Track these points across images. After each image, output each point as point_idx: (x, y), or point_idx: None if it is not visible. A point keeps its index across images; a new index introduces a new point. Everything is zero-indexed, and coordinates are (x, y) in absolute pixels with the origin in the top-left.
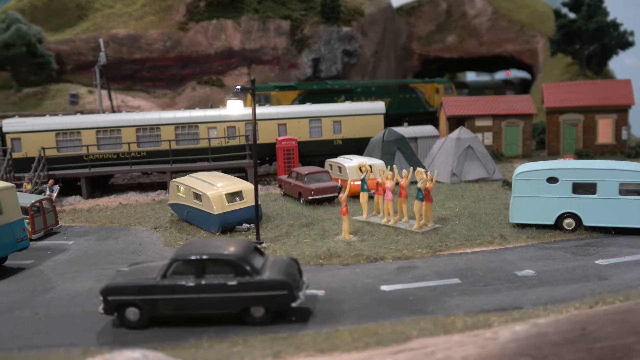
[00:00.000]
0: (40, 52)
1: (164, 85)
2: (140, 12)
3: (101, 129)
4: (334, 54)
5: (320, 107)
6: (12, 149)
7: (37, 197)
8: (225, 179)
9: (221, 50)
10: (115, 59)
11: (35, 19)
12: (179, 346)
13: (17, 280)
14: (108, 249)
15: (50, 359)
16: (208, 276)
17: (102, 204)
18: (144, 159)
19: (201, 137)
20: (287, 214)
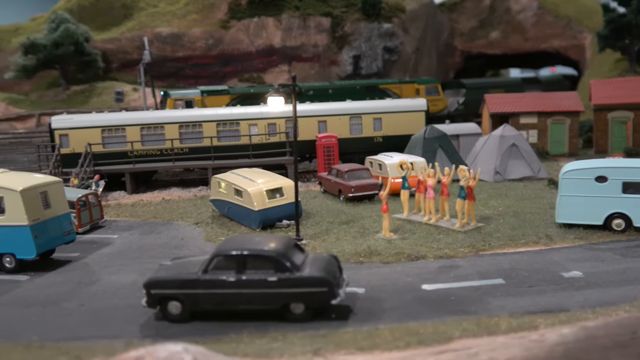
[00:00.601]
0: (87, 50)
1: (206, 82)
2: (184, 11)
3: (145, 125)
4: (374, 50)
5: (361, 104)
6: (60, 144)
7: (84, 191)
8: (265, 175)
9: (262, 48)
10: (159, 57)
11: (83, 19)
12: (219, 340)
13: (64, 272)
14: (151, 243)
15: (95, 350)
16: (249, 272)
17: (146, 199)
18: (187, 155)
19: (242, 134)
20: (326, 211)
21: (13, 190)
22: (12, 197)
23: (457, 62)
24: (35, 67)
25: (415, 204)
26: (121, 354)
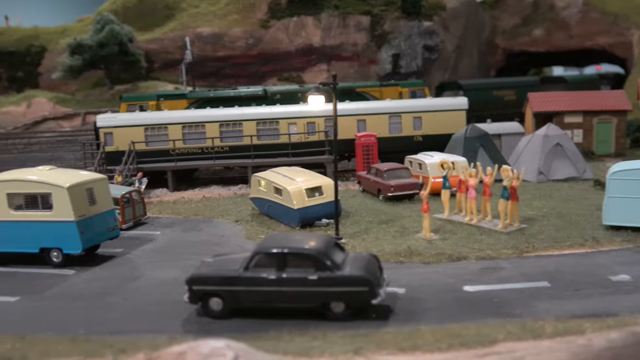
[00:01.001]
0: (131, 51)
1: (245, 82)
2: (224, 11)
3: (186, 124)
4: (414, 49)
5: (401, 103)
6: (105, 142)
7: (128, 188)
8: (305, 174)
9: (301, 47)
10: (200, 57)
11: (127, 19)
12: (260, 337)
13: (109, 267)
14: (192, 240)
15: (139, 344)
16: (289, 270)
17: (187, 197)
18: (227, 153)
19: (281, 133)
20: (366, 210)
21: (60, 186)
22: (59, 194)
23: (499, 60)
24: (81, 67)
25: (456, 204)
26: (165, 349)
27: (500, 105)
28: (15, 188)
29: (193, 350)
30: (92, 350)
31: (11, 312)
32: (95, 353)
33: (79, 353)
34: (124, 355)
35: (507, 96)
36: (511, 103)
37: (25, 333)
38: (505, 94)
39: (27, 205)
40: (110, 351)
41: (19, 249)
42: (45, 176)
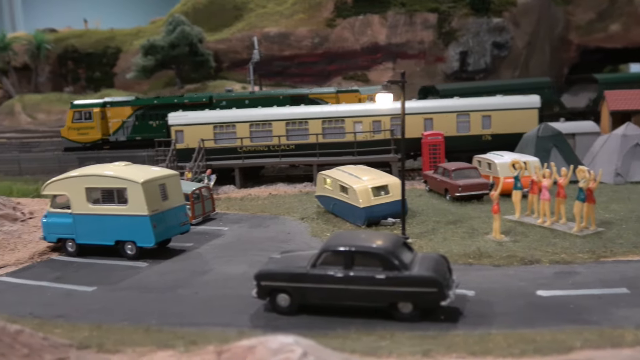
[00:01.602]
0: (200, 51)
1: (311, 80)
2: (291, 11)
3: (254, 122)
4: (482, 46)
5: (469, 102)
6: (176, 140)
7: (198, 185)
8: (371, 172)
9: (367, 46)
10: (267, 56)
11: (197, 21)
12: (327, 335)
13: (179, 260)
14: (259, 236)
15: (209, 337)
16: (356, 268)
17: (254, 194)
18: (292, 151)
19: (347, 131)
20: (432, 210)
21: (135, 182)
22: (134, 189)
23: (572, 57)
24: (153, 67)
25: (528, 205)
26: (234, 342)
27: None
28: (93, 183)
29: (262, 345)
30: (163, 341)
31: (89, 301)
32: (167, 344)
33: (152, 343)
34: (195, 347)
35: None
36: None
37: (101, 322)
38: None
39: (104, 199)
40: (182, 342)
41: (96, 241)
42: (121, 172)
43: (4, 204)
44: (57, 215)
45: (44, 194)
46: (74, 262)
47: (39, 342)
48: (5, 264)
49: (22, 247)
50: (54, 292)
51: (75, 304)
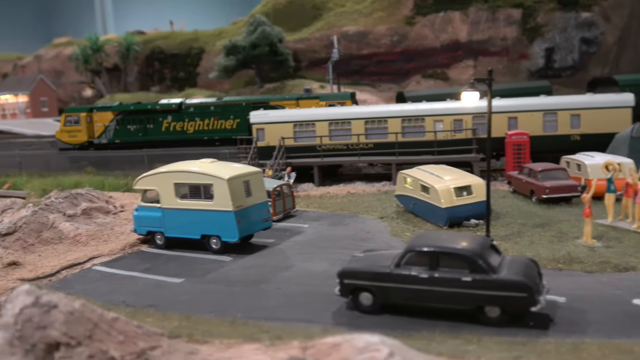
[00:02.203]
0: (280, 50)
1: (389, 79)
2: (370, 9)
3: (333, 121)
4: (570, 42)
5: (557, 100)
6: (257, 138)
7: (279, 182)
8: (453, 172)
9: (447, 43)
10: (345, 55)
11: (277, 21)
12: (411, 336)
13: (262, 256)
14: (339, 234)
15: (293, 333)
16: (442, 269)
17: (332, 192)
18: (371, 150)
19: (427, 130)
20: (517, 212)
21: (221, 178)
22: (220, 185)
23: None
24: (235, 67)
25: (622, 209)
26: (319, 339)
27: None
28: (181, 178)
29: (348, 343)
30: (249, 334)
31: (177, 292)
32: (253, 337)
33: (238, 336)
34: (280, 342)
35: None
36: None
37: (190, 313)
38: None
39: (191, 194)
40: (267, 337)
41: (183, 234)
42: (207, 168)
43: (98, 197)
44: (147, 209)
45: (135, 188)
46: (162, 254)
47: (134, 329)
48: (99, 254)
49: (115, 238)
50: (144, 283)
51: (164, 294)
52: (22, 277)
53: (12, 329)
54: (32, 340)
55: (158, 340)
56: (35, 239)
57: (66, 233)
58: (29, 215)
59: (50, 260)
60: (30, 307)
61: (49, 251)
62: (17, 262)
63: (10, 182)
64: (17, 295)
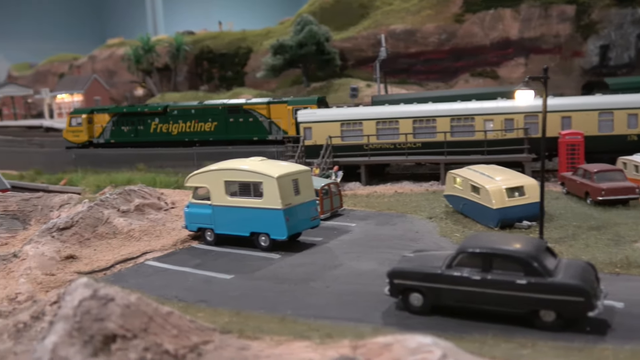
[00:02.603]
0: (327, 50)
1: (436, 77)
2: (418, 7)
3: (380, 120)
4: (626, 39)
5: (614, 98)
6: (304, 137)
7: (327, 181)
8: (505, 172)
9: (497, 41)
10: (392, 54)
11: (324, 20)
12: (462, 338)
13: (310, 254)
14: (387, 234)
15: (343, 331)
16: (495, 272)
17: (379, 191)
18: (419, 149)
19: (477, 130)
20: (572, 214)
21: (271, 176)
22: (269, 183)
23: None
24: (282, 66)
25: None
26: (370, 339)
27: None
28: (231, 176)
29: (399, 343)
30: (299, 331)
31: (228, 288)
32: (303, 334)
33: (288, 333)
34: (330, 340)
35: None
36: None
37: (240, 309)
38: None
39: (241, 192)
40: (317, 335)
41: (233, 231)
42: (257, 166)
43: (150, 193)
44: (198, 206)
45: (187, 185)
46: (212, 250)
47: (187, 324)
48: (151, 249)
49: (166, 234)
50: (195, 278)
51: (215, 290)
52: (79, 270)
53: (72, 321)
54: (90, 331)
55: (210, 335)
56: (91, 233)
57: (120, 228)
58: (85, 210)
59: (105, 255)
60: (89, 299)
61: (103, 245)
62: (74, 255)
63: (66, 178)
64: (75, 288)
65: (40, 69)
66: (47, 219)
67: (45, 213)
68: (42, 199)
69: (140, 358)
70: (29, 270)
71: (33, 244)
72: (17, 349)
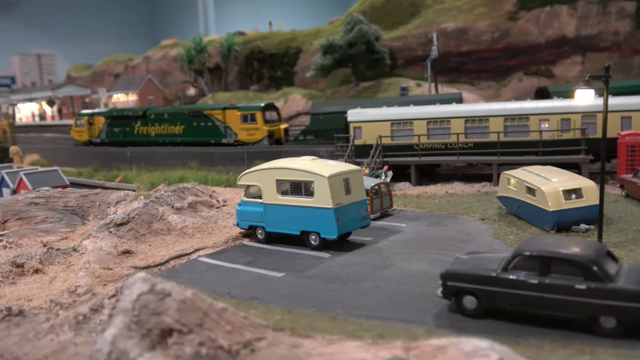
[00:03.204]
0: (377, 49)
1: (488, 76)
2: (470, 5)
3: (432, 119)
4: None
5: None
6: (354, 136)
7: (377, 180)
8: (561, 174)
9: (552, 39)
10: (443, 53)
11: (374, 19)
12: (518, 343)
13: (360, 254)
14: (438, 235)
15: (396, 332)
16: (553, 276)
17: (430, 192)
18: (471, 150)
19: (531, 130)
20: (632, 218)
21: (322, 176)
22: (320, 182)
23: None
24: (331, 66)
25: None
26: (423, 340)
27: None
28: (283, 175)
29: (454, 346)
30: (350, 331)
31: (279, 286)
32: (355, 334)
33: (340, 332)
34: (382, 341)
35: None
36: None
37: (291, 307)
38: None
39: (292, 191)
40: (369, 335)
41: (284, 230)
42: (308, 166)
43: (202, 191)
44: (250, 204)
45: (239, 184)
46: (263, 248)
47: (240, 320)
48: (204, 246)
49: (218, 231)
50: (247, 275)
51: (266, 287)
52: (135, 265)
53: (130, 314)
54: (147, 325)
55: (263, 332)
56: (146, 229)
57: (174, 225)
58: (140, 207)
59: (160, 250)
60: (147, 294)
61: (158, 241)
62: (130, 250)
63: (121, 175)
64: (134, 282)
65: (97, 69)
66: (105, 215)
67: (102, 209)
68: (99, 195)
69: (196, 353)
70: (88, 264)
71: (92, 238)
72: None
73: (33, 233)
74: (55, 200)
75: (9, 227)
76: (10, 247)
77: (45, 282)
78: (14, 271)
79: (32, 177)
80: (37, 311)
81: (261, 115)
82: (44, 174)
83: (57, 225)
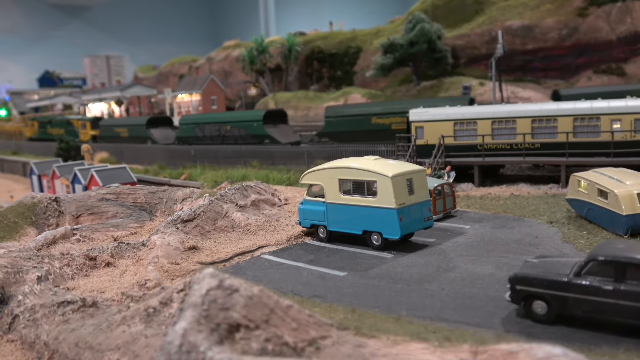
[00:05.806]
0: (439, 47)
1: (555, 75)
2: (537, 2)
3: (497, 119)
4: None
5: None
6: (416, 136)
7: (440, 181)
8: (635, 176)
9: (625, 35)
10: (508, 51)
11: (436, 17)
12: (591, 351)
13: (423, 255)
14: (503, 237)
15: (463, 335)
16: (630, 282)
17: (494, 193)
18: (537, 150)
19: (602, 130)
20: None
21: (385, 175)
22: (383, 182)
23: None
24: (391, 65)
25: None
26: (492, 345)
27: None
28: (345, 174)
29: (526, 352)
30: (415, 332)
31: (341, 285)
32: (420, 336)
33: (404, 333)
34: (449, 344)
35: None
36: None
37: (354, 306)
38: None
39: (355, 190)
40: (434, 337)
41: (346, 229)
42: (371, 165)
43: (265, 190)
44: (312, 203)
45: (301, 182)
46: (324, 247)
47: (305, 318)
48: (267, 243)
49: (280, 229)
50: (309, 273)
51: (329, 286)
52: (201, 260)
53: (200, 309)
54: (216, 320)
55: (328, 330)
56: (211, 226)
57: (238, 222)
58: (206, 204)
59: (224, 247)
60: (215, 289)
61: (222, 238)
62: (196, 246)
63: (186, 173)
64: (203, 278)
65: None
66: (172, 211)
67: (169, 205)
68: (167, 192)
69: (262, 348)
70: (157, 258)
71: (160, 234)
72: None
73: (104, 227)
74: (125, 196)
75: (82, 222)
76: (83, 240)
77: (116, 275)
78: (88, 264)
79: (102, 174)
80: (109, 303)
81: (90, 125)
82: (113, 171)
83: (126, 220)
